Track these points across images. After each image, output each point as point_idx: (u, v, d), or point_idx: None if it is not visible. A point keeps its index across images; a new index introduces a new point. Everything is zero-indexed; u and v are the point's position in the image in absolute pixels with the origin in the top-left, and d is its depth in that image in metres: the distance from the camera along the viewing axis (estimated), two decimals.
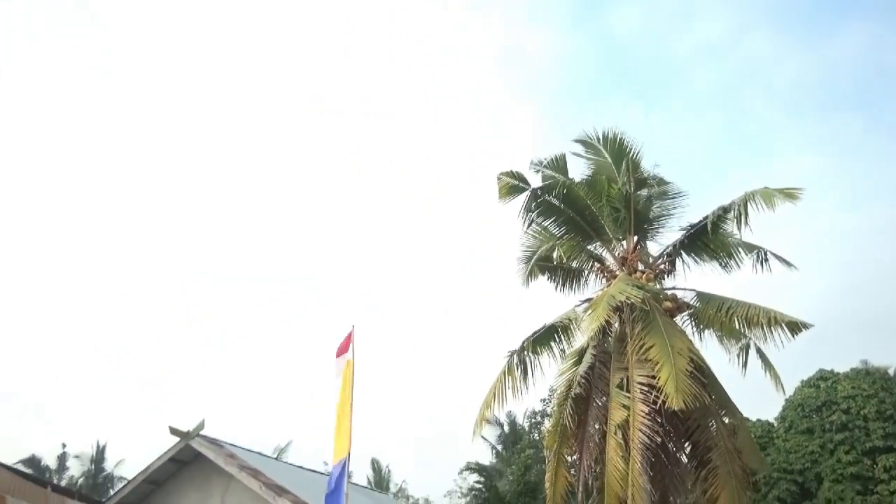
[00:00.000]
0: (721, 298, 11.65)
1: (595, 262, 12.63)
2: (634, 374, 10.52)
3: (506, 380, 11.90)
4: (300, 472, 19.90)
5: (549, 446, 11.77)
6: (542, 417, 25.66)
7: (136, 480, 16.09)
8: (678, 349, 10.12)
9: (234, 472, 14.95)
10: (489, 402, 11.77)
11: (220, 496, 15.33)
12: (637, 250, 12.29)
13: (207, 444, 15.72)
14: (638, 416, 9.96)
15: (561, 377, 12.00)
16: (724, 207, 11.36)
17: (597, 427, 11.12)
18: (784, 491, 18.36)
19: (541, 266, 12.66)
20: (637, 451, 9.68)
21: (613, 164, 12.27)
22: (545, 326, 12.23)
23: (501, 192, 11.84)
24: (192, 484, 15.84)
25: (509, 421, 30.21)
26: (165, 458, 15.74)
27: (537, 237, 12.70)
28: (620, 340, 11.62)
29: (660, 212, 12.42)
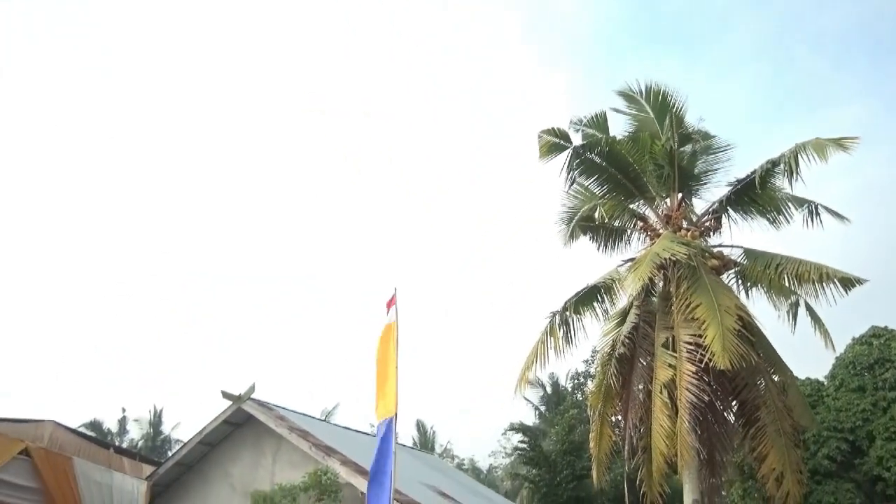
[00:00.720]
0: (769, 255, 11.36)
1: (638, 220, 12.42)
2: (680, 334, 10.39)
3: (547, 340, 11.89)
4: (347, 432, 20.40)
5: (594, 406, 11.78)
6: (584, 378, 25.70)
7: (191, 442, 16.73)
8: (725, 307, 9.94)
9: (284, 434, 15.41)
10: (531, 363, 11.80)
11: (272, 456, 15.85)
12: (681, 207, 12.03)
13: (258, 406, 16.21)
14: (684, 376, 9.86)
15: (604, 338, 11.95)
16: (773, 161, 11.00)
17: (641, 387, 11.07)
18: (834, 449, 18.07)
19: (582, 226, 12.52)
20: (684, 410, 9.62)
21: (656, 119, 11.95)
22: (587, 287, 12.14)
23: (542, 151, 11.65)
24: (244, 445, 16.39)
25: (552, 382, 30.36)
26: (219, 421, 16.30)
27: (578, 197, 12.52)
28: (665, 299, 11.47)
29: (705, 167, 12.10)
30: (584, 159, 11.98)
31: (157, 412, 37.62)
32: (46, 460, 11.82)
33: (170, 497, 16.90)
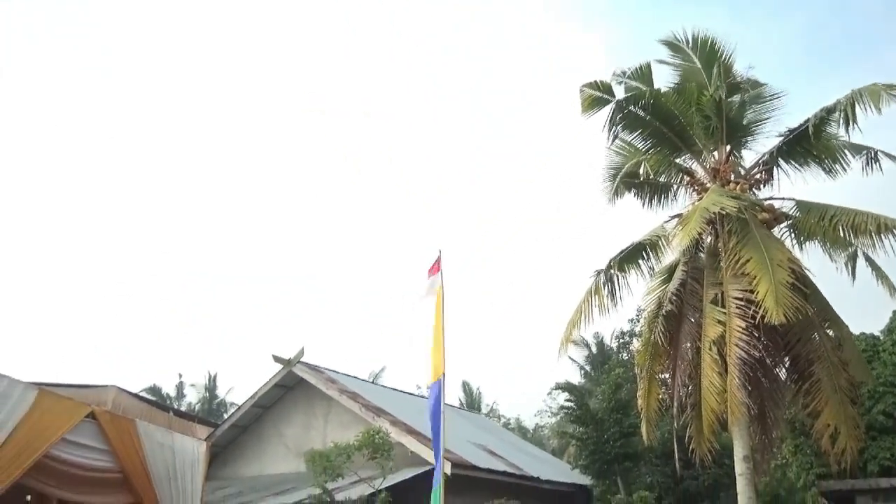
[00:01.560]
0: (823, 206, 10.97)
1: (684, 175, 12.12)
2: (730, 289, 10.19)
3: (592, 299, 11.80)
4: (395, 394, 20.82)
5: (641, 364, 11.71)
6: (630, 337, 25.54)
7: (246, 405, 17.35)
8: (777, 261, 9.68)
9: (334, 396, 15.83)
10: (575, 322, 11.75)
11: (324, 417, 16.32)
12: (730, 160, 11.68)
13: (308, 370, 16.66)
14: (734, 332, 9.70)
15: (650, 295, 11.79)
16: (828, 108, 10.54)
17: (689, 344, 10.94)
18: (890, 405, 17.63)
19: (626, 183, 12.28)
20: (734, 367, 9.48)
21: (703, 69, 11.53)
22: (632, 244, 11.97)
23: (584, 106, 11.39)
24: (296, 407, 16.91)
25: (597, 342, 30.31)
26: (271, 384, 16.84)
27: (622, 153, 12.26)
28: (714, 255, 11.25)
29: (754, 117, 11.68)
30: (627, 113, 11.67)
31: (212, 377, 39.04)
32: (111, 423, 12.38)
33: (228, 457, 17.61)
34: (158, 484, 12.89)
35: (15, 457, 10.57)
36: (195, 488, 13.82)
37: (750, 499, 9.82)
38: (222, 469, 17.17)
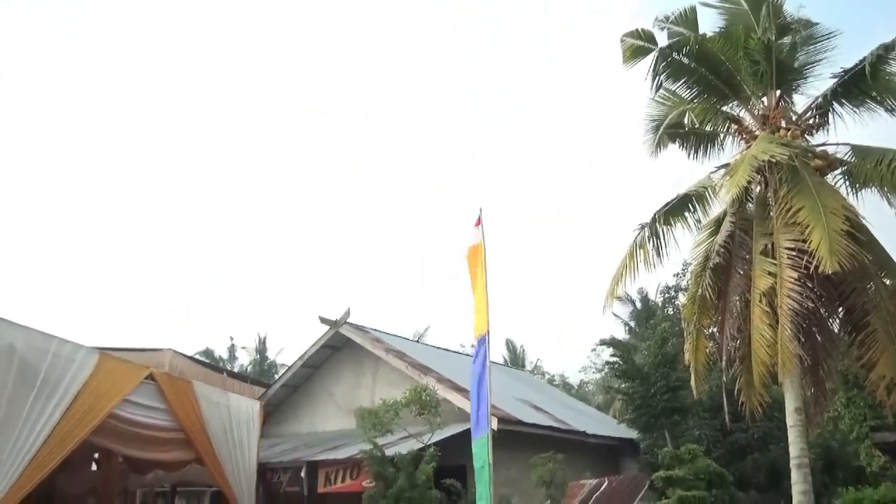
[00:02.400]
0: (881, 151, 10.46)
1: (732, 123, 11.70)
2: (781, 239, 9.89)
3: (637, 254, 11.61)
4: (440, 352, 21.11)
5: (688, 318, 11.54)
6: (675, 292, 25.21)
7: (295, 365, 17.84)
8: (831, 209, 9.33)
9: (381, 355, 16.13)
10: (620, 277, 11.59)
11: (371, 376, 16.67)
12: (780, 106, 11.20)
13: (354, 330, 16.98)
14: (786, 283, 9.44)
15: (697, 248, 11.53)
16: (886, 46, 9.98)
17: (738, 296, 10.72)
18: None
19: (670, 134, 11.93)
20: (786, 318, 9.25)
21: (751, 10, 10.99)
22: (678, 196, 11.68)
23: (626, 56, 11.03)
24: (345, 366, 17.31)
25: (641, 297, 30.03)
26: (319, 345, 17.24)
27: (666, 103, 11.86)
28: (763, 205, 10.91)
29: (806, 59, 11.13)
30: (671, 61, 11.26)
31: (261, 339, 40.14)
32: (169, 384, 12.90)
33: (281, 415, 18.21)
34: (216, 441, 13.46)
35: (81, 417, 11.12)
36: (251, 445, 14.39)
37: (802, 450, 9.69)
38: (276, 427, 17.78)
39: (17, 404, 10.34)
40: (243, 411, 14.40)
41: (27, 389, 10.50)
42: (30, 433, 10.36)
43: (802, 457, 9.66)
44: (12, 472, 10.08)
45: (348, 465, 13.16)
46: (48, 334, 11.15)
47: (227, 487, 13.67)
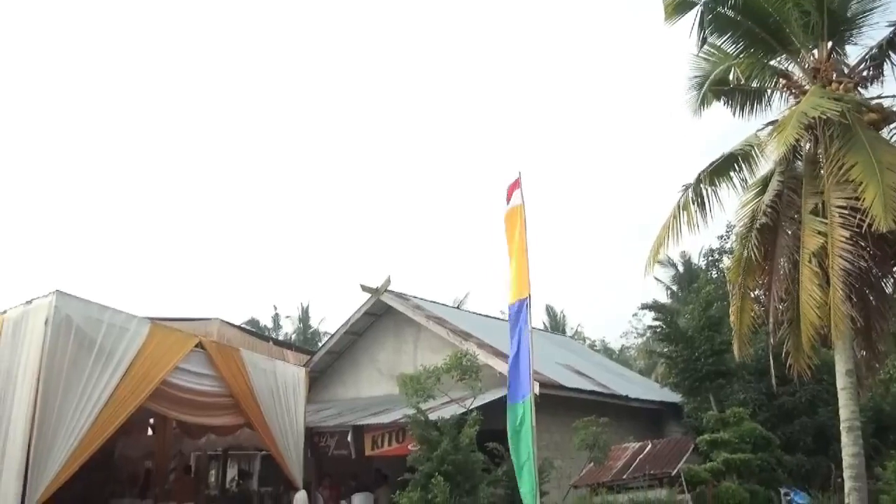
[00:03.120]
0: None
1: (780, 78, 11.26)
2: (832, 198, 9.55)
3: (680, 216, 11.36)
4: (480, 318, 21.19)
5: (733, 281, 11.30)
6: (719, 255, 24.73)
7: (338, 332, 18.15)
8: (887, 164, 8.94)
9: (422, 322, 16.28)
10: (663, 240, 11.38)
11: (413, 342, 16.86)
12: (832, 58, 10.71)
13: (395, 297, 17.15)
14: (837, 242, 9.14)
15: (743, 209, 11.23)
16: None
17: (786, 257, 10.44)
18: None
19: (715, 91, 11.53)
20: (837, 279, 8.99)
21: None
22: (723, 156, 11.35)
23: (667, 11, 10.66)
24: (387, 333, 17.54)
25: (683, 261, 29.55)
26: (361, 313, 17.49)
27: (710, 59, 11.46)
28: (813, 163, 10.53)
29: (860, 8, 10.58)
30: (715, 15, 10.84)
31: (304, 309, 40.95)
32: (218, 352, 13.28)
33: (325, 381, 18.61)
34: (264, 406, 13.85)
35: (137, 384, 11.56)
36: (297, 410, 14.77)
37: (853, 413, 9.49)
38: (321, 393, 18.20)
39: (77, 372, 10.80)
40: (289, 377, 14.76)
41: (85, 358, 10.95)
42: (89, 399, 10.84)
43: (853, 420, 9.47)
44: (76, 434, 10.59)
45: (393, 429, 13.42)
46: (102, 305, 11.56)
47: (276, 451, 14.11)
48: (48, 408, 10.44)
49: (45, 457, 10.32)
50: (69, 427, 10.59)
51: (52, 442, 10.41)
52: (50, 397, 10.47)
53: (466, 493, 9.93)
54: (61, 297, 11.01)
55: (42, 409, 10.37)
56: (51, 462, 10.33)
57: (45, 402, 10.41)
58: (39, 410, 10.34)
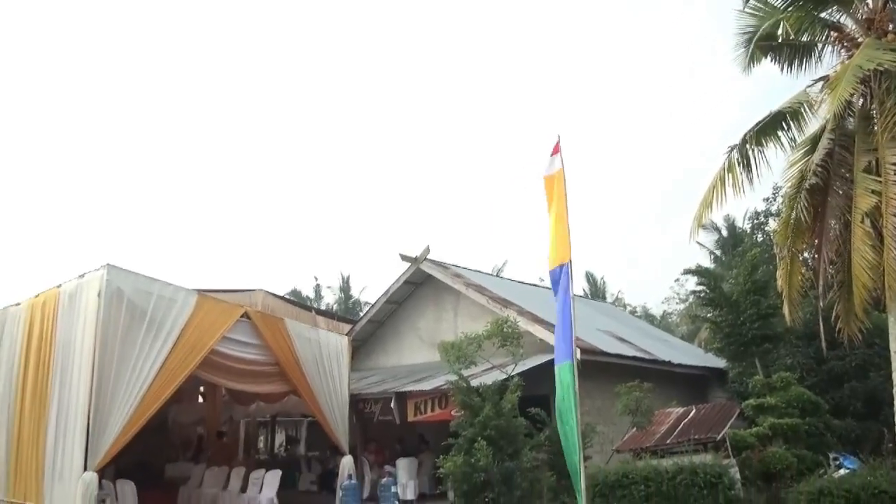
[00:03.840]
0: None
1: (831, 31, 10.78)
2: (886, 155, 9.17)
3: (726, 178, 11.06)
4: (520, 285, 21.17)
5: (780, 243, 11.01)
6: (765, 217, 24.08)
7: (379, 301, 18.35)
8: None
9: (461, 289, 16.34)
10: (707, 203, 11.11)
11: (453, 310, 16.96)
12: (887, 7, 10.20)
13: (434, 266, 17.22)
14: (892, 201, 8.80)
15: (791, 169, 10.86)
16: None
17: (837, 218, 10.10)
18: None
19: (763, 47, 11.11)
20: (892, 239, 8.67)
21: None
22: (770, 114, 10.96)
23: None
24: (426, 302, 17.67)
25: (727, 225, 28.86)
26: (401, 282, 17.63)
27: (758, 13, 11.02)
28: (866, 118, 10.10)
29: None
30: None
31: (345, 279, 41.49)
32: (263, 321, 13.58)
33: (368, 349, 18.90)
34: (309, 374, 14.16)
35: (187, 353, 11.91)
36: (342, 377, 15.06)
37: None
38: (364, 361, 18.51)
39: (130, 342, 11.19)
40: (332, 346, 15.03)
41: (137, 328, 11.33)
42: (142, 368, 11.23)
43: None
44: (131, 402, 11.02)
45: (435, 395, 13.59)
46: (151, 278, 11.89)
47: (322, 417, 14.45)
48: (104, 377, 10.87)
49: (104, 423, 10.77)
50: (125, 395, 11.02)
51: (110, 409, 10.85)
52: (106, 367, 10.89)
53: (509, 458, 10.03)
54: (112, 271, 11.36)
55: (99, 379, 10.80)
56: (109, 428, 10.79)
57: (101, 371, 10.84)
58: (97, 380, 10.78)
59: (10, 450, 12.86)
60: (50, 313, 12.66)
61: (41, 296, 13.25)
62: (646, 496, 7.62)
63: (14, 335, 13.75)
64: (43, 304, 13.01)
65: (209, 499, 15.28)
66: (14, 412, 12.99)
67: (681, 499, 7.36)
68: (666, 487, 7.48)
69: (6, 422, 13.16)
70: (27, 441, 12.36)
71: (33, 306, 13.35)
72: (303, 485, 17.73)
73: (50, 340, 12.43)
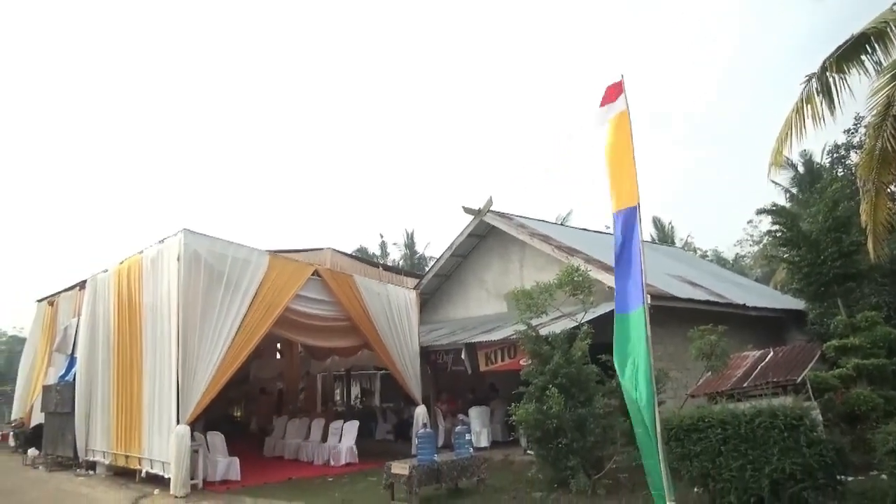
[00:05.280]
0: None
1: None
2: None
3: (804, 109, 10.43)
4: (585, 234, 20.86)
5: (865, 176, 10.38)
6: (846, 150, 22.70)
7: (444, 255, 18.48)
8: None
9: (526, 240, 16.24)
10: (785, 137, 10.55)
11: (519, 261, 16.91)
12: None
13: (498, 217, 17.15)
14: None
15: (876, 96, 10.13)
16: None
17: None
18: None
19: None
20: None
21: None
22: (852, 37, 10.20)
23: None
24: (492, 254, 17.68)
25: (804, 161, 27.41)
26: (465, 235, 17.67)
27: None
28: None
29: None
30: None
31: (409, 234, 41.90)
32: (333, 278, 13.95)
33: (436, 303, 19.15)
34: (380, 328, 14.52)
35: (264, 311, 12.39)
36: (412, 330, 15.38)
37: None
38: (433, 314, 18.79)
39: (210, 302, 11.72)
40: (401, 300, 15.32)
41: (216, 289, 11.84)
42: (223, 327, 11.77)
43: None
44: (215, 359, 11.60)
45: (504, 345, 13.70)
46: (226, 240, 12.35)
47: (395, 369, 14.86)
48: (189, 336, 11.47)
49: (192, 380, 11.41)
50: (209, 353, 11.61)
51: (196, 367, 11.48)
52: (190, 327, 11.47)
53: (581, 405, 10.05)
54: (189, 235, 11.85)
55: (185, 338, 11.41)
56: (197, 385, 11.43)
57: (186, 331, 11.44)
58: (182, 339, 11.39)
59: (112, 407, 13.85)
60: (135, 278, 13.38)
61: (126, 262, 14.00)
62: (723, 439, 7.49)
63: (106, 300, 14.65)
64: (128, 269, 13.76)
65: (292, 448, 16.08)
66: (112, 373, 13.94)
67: (759, 441, 7.20)
68: (744, 430, 7.32)
69: (107, 381, 14.15)
70: (125, 398, 13.28)
71: (119, 272, 14.13)
72: (379, 434, 18.38)
73: (138, 304, 13.18)
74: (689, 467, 7.76)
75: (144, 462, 12.32)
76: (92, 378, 14.67)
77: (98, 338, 14.68)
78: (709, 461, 7.55)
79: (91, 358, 14.76)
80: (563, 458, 9.88)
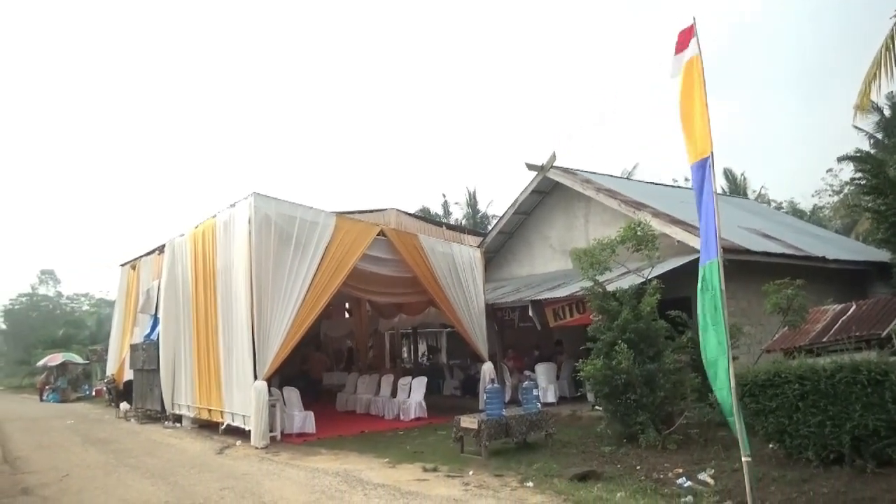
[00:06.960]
0: None
1: None
2: None
3: (893, 47, 9.77)
4: (652, 187, 20.28)
5: None
6: None
7: (508, 213, 18.36)
8: None
9: (591, 195, 15.92)
10: (873, 76, 9.91)
11: (584, 217, 16.64)
12: None
13: (562, 173, 16.85)
14: None
15: None
16: None
17: None
18: None
19: None
20: None
21: None
22: None
23: None
24: (556, 210, 17.44)
25: (890, 104, 25.65)
26: (528, 192, 17.46)
27: None
28: None
29: None
30: None
31: (472, 193, 41.76)
32: (398, 238, 14.10)
33: (500, 261, 19.13)
34: (445, 286, 14.66)
35: (332, 271, 12.69)
36: (477, 288, 15.46)
37: None
38: (497, 272, 18.80)
39: (280, 263, 12.09)
40: (466, 258, 15.37)
41: (286, 251, 12.18)
42: (293, 287, 12.13)
43: None
44: (287, 318, 12.01)
45: (571, 301, 13.61)
46: (294, 203, 12.63)
47: (461, 326, 15.01)
48: (262, 296, 11.89)
49: (266, 338, 11.87)
50: (281, 312, 12.02)
51: (270, 326, 11.91)
52: (262, 287, 11.88)
53: (650, 360, 9.92)
54: (259, 198, 12.18)
55: (258, 298, 11.84)
56: (271, 342, 11.89)
57: (259, 291, 11.86)
58: (256, 299, 11.82)
59: (193, 364, 14.60)
60: (210, 241, 13.92)
61: (200, 226, 14.55)
62: (801, 395, 7.25)
63: (184, 263, 15.33)
64: (203, 233, 14.31)
65: (363, 403, 16.60)
66: (192, 331, 14.66)
67: (840, 397, 6.94)
68: (823, 385, 7.07)
69: (188, 340, 14.90)
70: (205, 356, 13.96)
71: (195, 236, 14.72)
72: (447, 390, 18.72)
73: (213, 266, 13.73)
74: (765, 423, 7.59)
75: (226, 415, 12.98)
76: (174, 337, 15.48)
77: (178, 299, 15.42)
78: (785, 417, 7.36)
79: (172, 318, 15.55)
80: (631, 414, 9.84)
